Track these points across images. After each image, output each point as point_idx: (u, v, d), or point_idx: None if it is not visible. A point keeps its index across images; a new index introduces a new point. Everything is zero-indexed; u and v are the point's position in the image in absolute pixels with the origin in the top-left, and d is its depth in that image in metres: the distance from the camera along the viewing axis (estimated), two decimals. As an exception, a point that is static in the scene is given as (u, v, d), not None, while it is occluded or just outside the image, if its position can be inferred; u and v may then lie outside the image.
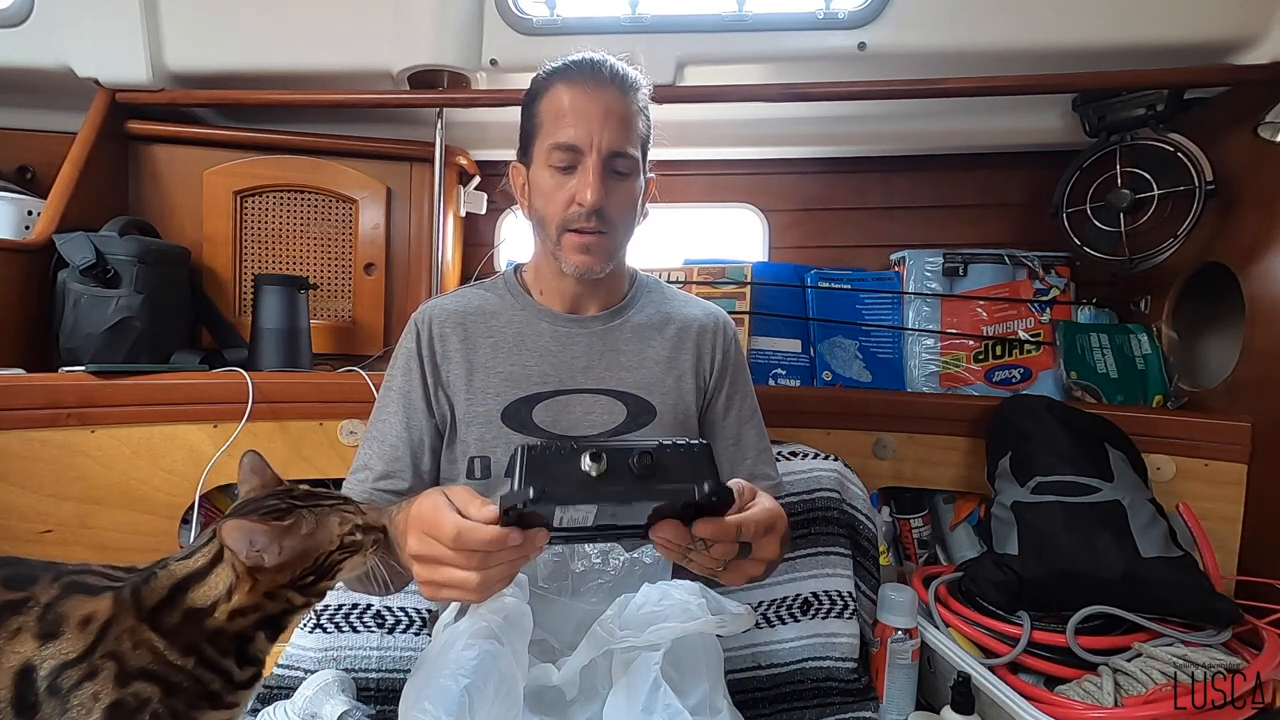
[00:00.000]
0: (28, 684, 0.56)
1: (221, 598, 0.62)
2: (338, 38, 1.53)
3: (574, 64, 0.88)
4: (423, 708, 0.63)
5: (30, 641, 0.57)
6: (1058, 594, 1.08)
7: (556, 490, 0.55)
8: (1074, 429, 1.24)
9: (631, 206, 0.91)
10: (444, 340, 0.93)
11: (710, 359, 0.98)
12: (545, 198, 0.88)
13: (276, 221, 1.65)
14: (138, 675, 0.59)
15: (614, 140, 0.85)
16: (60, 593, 0.60)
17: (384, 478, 0.89)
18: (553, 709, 0.74)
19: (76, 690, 0.56)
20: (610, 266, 0.91)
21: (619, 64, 0.89)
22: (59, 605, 0.59)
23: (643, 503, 0.57)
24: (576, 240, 0.87)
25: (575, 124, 0.84)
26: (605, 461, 0.56)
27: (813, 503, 1.18)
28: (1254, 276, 1.29)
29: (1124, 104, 1.47)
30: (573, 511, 0.57)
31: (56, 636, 0.58)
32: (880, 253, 1.76)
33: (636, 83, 0.89)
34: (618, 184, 0.87)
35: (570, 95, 0.86)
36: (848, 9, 1.45)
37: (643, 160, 0.91)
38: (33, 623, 0.58)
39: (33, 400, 1.21)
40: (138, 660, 0.59)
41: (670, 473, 0.57)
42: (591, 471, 0.56)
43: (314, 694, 1.02)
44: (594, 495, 0.56)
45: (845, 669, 1.11)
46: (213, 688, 0.62)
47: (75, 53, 1.52)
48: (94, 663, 0.58)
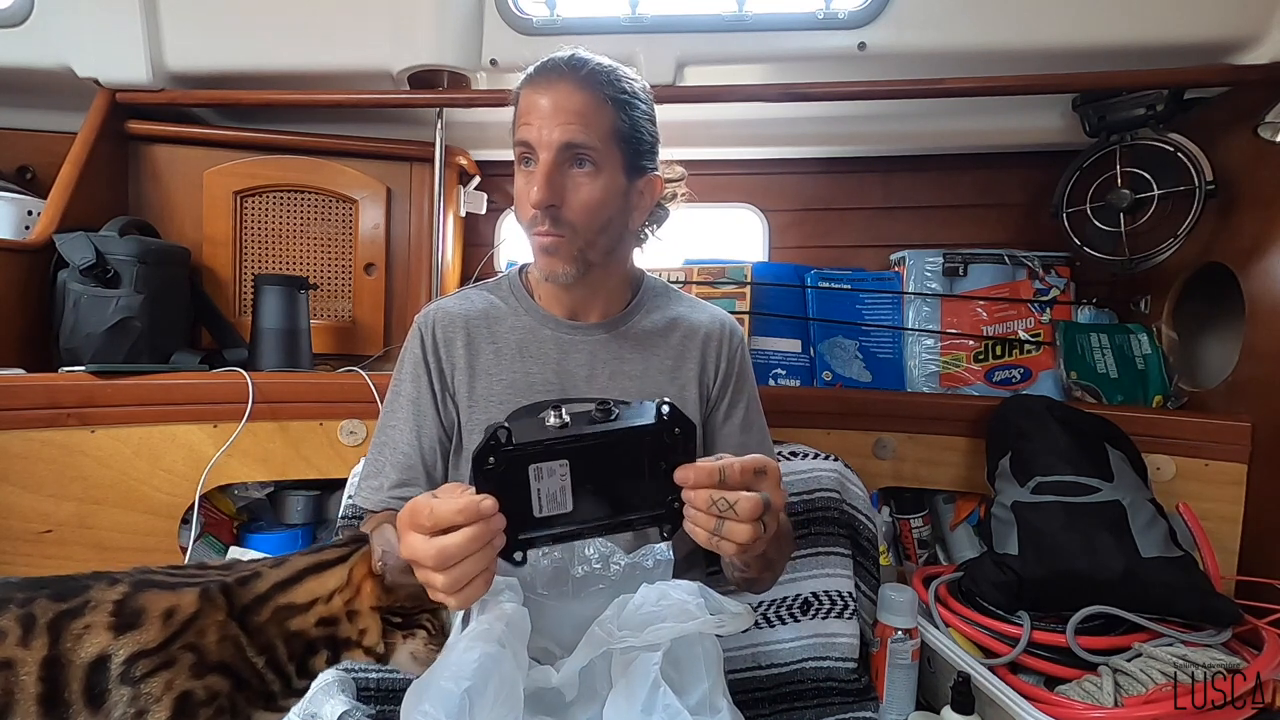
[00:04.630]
0: (101, 673, 0.57)
1: (322, 597, 0.64)
2: (338, 38, 1.53)
3: (538, 64, 0.86)
4: (423, 710, 0.63)
5: (105, 633, 0.58)
6: (1058, 594, 1.08)
7: (522, 435, 0.59)
8: (1074, 429, 1.24)
9: (597, 206, 0.84)
10: (449, 345, 0.92)
11: (715, 366, 0.96)
12: (517, 202, 0.87)
13: (276, 221, 1.65)
14: (216, 668, 0.60)
15: (563, 134, 0.80)
16: (131, 589, 0.61)
17: (399, 486, 0.88)
18: (553, 710, 0.74)
19: (150, 678, 0.57)
20: (579, 270, 0.86)
21: (583, 56, 0.84)
22: (134, 600, 0.60)
23: (611, 448, 0.60)
24: (538, 241, 0.85)
25: (528, 120, 0.83)
26: (565, 412, 0.61)
27: (813, 503, 1.18)
28: (1254, 276, 1.29)
29: (1124, 104, 1.47)
30: (547, 477, 0.60)
31: (136, 627, 0.59)
32: (880, 253, 1.76)
33: (604, 73, 0.84)
34: (579, 182, 0.83)
35: (528, 95, 0.84)
36: (848, 9, 1.45)
37: (624, 155, 0.85)
38: (104, 618, 0.59)
39: (33, 400, 1.21)
40: (219, 653, 0.60)
41: (628, 415, 0.61)
42: (551, 419, 0.60)
43: (314, 694, 1.01)
44: (561, 443, 0.59)
45: (845, 669, 1.11)
46: (272, 689, 0.63)
47: (75, 53, 1.52)
48: (172, 653, 0.58)
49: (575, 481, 0.61)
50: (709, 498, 0.60)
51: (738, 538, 0.61)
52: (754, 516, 0.60)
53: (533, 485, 0.59)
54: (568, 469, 0.60)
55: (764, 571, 0.84)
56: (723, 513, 0.60)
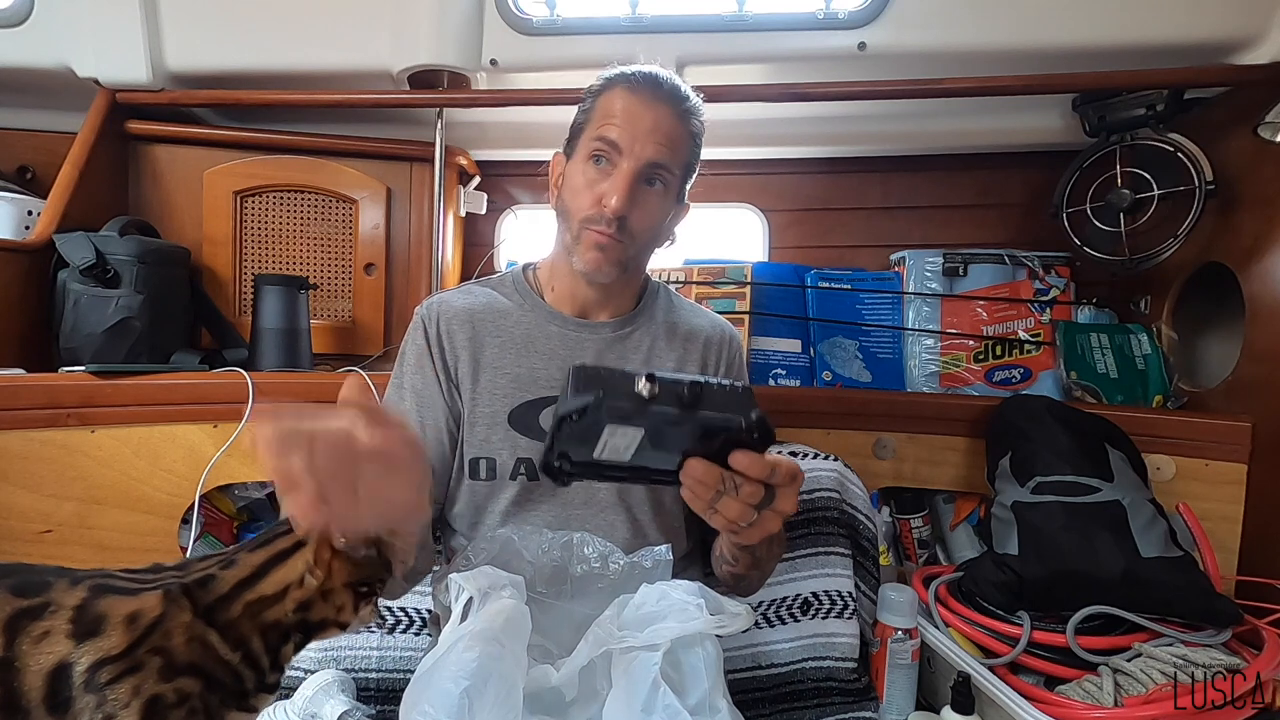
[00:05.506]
0: (62, 680, 0.56)
1: (294, 583, 0.63)
2: (338, 38, 1.53)
3: (639, 72, 0.90)
4: (423, 710, 0.63)
5: (64, 641, 0.57)
6: (1058, 594, 1.08)
7: (615, 402, 0.57)
8: (1074, 429, 1.24)
9: (656, 223, 0.91)
10: (452, 336, 0.93)
11: (715, 370, 0.99)
12: (575, 192, 0.89)
13: (276, 221, 1.65)
14: (185, 670, 0.59)
15: (655, 152, 0.86)
16: (89, 594, 0.60)
17: None
18: (552, 710, 0.74)
19: (116, 684, 0.56)
20: (619, 273, 0.90)
21: (682, 85, 0.91)
22: (94, 606, 0.59)
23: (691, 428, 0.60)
24: (594, 237, 0.87)
25: (622, 125, 0.86)
26: (658, 385, 0.58)
27: (813, 503, 1.18)
28: (1254, 276, 1.29)
29: (1124, 104, 1.47)
30: (619, 436, 0.59)
31: (97, 634, 0.58)
32: (880, 253, 1.76)
33: (694, 107, 0.91)
34: (647, 197, 0.88)
35: (626, 99, 0.87)
36: (848, 9, 1.45)
37: (681, 183, 0.92)
38: (64, 625, 0.57)
39: (33, 400, 1.21)
40: (188, 655, 0.59)
41: (717, 404, 0.60)
42: (644, 392, 0.58)
43: (314, 694, 1.02)
44: (645, 415, 0.58)
45: (845, 669, 1.11)
46: (246, 686, 0.63)
47: (75, 53, 1.52)
48: (138, 658, 0.57)
49: (639, 445, 0.61)
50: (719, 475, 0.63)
51: (729, 513, 0.64)
52: (753, 501, 0.64)
53: (604, 437, 0.60)
54: (642, 435, 0.60)
55: (751, 569, 0.86)
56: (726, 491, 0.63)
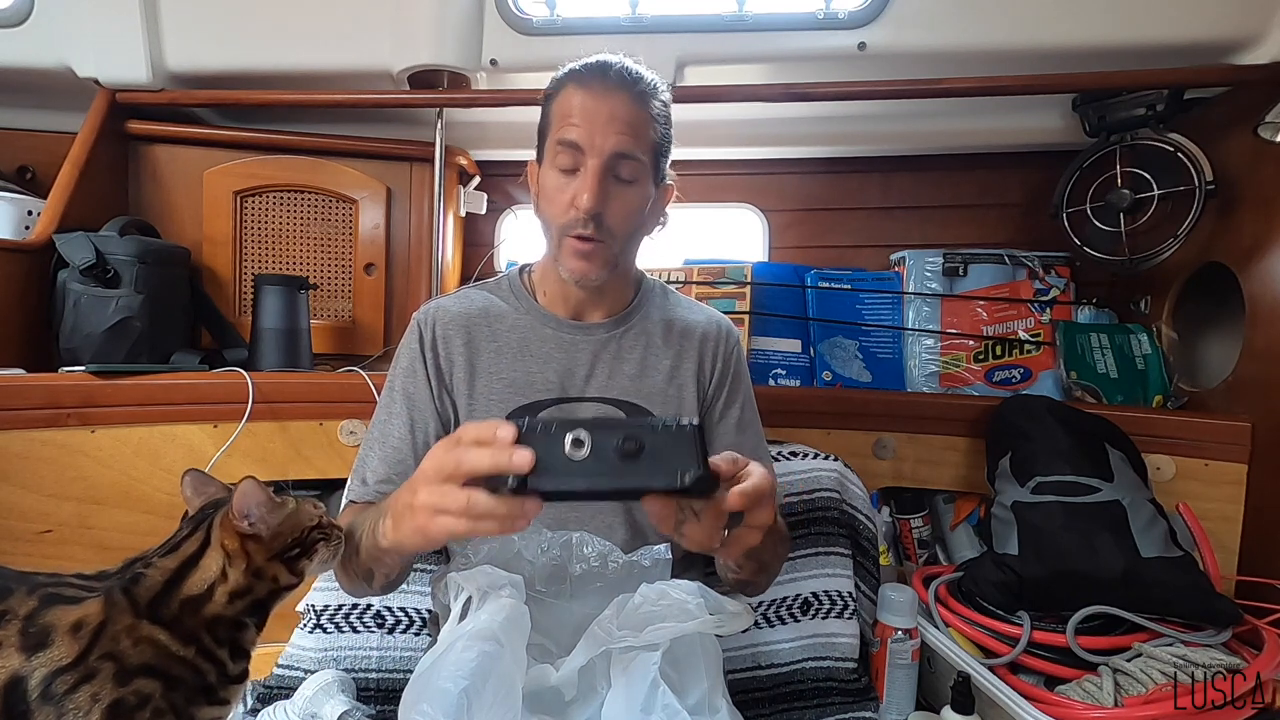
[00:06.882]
0: (17, 695, 0.56)
1: (218, 579, 0.64)
2: (338, 38, 1.53)
3: (586, 65, 0.87)
4: (421, 710, 0.63)
5: (15, 655, 0.57)
6: (1058, 594, 1.08)
7: (540, 479, 0.57)
8: (1074, 429, 1.24)
9: (635, 214, 0.88)
10: (448, 342, 0.92)
11: (712, 366, 0.97)
12: (549, 199, 0.87)
13: (276, 221, 1.65)
14: (139, 672, 0.59)
15: (617, 143, 0.83)
16: (39, 604, 0.60)
17: (387, 481, 0.88)
18: (551, 709, 0.74)
19: (72, 694, 0.56)
20: (609, 274, 0.89)
21: (633, 67, 0.87)
22: (41, 616, 0.59)
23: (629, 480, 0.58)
24: (575, 246, 0.86)
25: (580, 123, 0.84)
26: (589, 445, 0.57)
27: (813, 503, 1.18)
28: (1254, 276, 1.29)
29: (1124, 104, 1.47)
30: (563, 482, 0.58)
31: (46, 646, 0.57)
32: (880, 253, 1.76)
33: (651, 87, 0.87)
34: (621, 190, 0.85)
35: (579, 95, 0.85)
36: (848, 9, 1.45)
37: (655, 166, 0.89)
38: (14, 636, 0.57)
39: (33, 400, 1.21)
40: (139, 657, 0.59)
41: (657, 457, 0.58)
42: (575, 456, 0.57)
43: (314, 694, 1.02)
44: (576, 480, 0.57)
45: (845, 669, 1.11)
46: (209, 680, 0.63)
47: (75, 53, 1.52)
48: (90, 665, 0.57)
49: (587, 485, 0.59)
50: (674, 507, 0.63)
51: (696, 536, 0.64)
52: (717, 525, 0.64)
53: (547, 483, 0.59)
54: (584, 484, 0.59)
55: (758, 574, 0.85)
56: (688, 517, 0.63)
